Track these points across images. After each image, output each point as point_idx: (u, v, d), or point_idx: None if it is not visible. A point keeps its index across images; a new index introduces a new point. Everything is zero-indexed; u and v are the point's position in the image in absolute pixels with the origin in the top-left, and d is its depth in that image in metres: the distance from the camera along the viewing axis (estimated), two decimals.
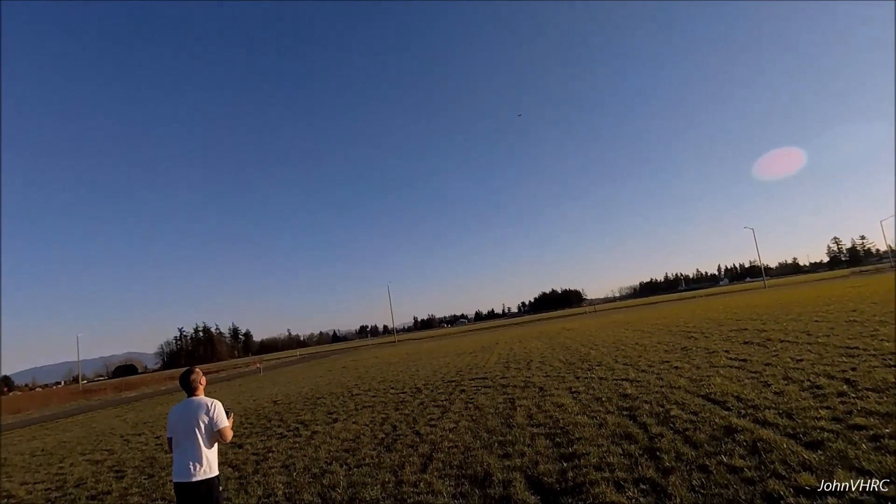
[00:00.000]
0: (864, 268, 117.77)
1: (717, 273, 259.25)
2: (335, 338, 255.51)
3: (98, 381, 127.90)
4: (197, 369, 4.24)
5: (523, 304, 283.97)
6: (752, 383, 7.54)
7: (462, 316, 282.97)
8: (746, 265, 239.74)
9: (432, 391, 12.04)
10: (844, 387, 6.51)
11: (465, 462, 5.88)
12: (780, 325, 14.43)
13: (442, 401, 10.40)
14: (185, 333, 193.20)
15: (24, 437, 16.47)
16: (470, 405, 9.37)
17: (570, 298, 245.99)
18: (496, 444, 6.41)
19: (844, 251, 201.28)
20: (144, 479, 7.67)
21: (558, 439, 6.19)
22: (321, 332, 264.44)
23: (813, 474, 4.02)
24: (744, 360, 9.60)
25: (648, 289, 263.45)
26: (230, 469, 7.29)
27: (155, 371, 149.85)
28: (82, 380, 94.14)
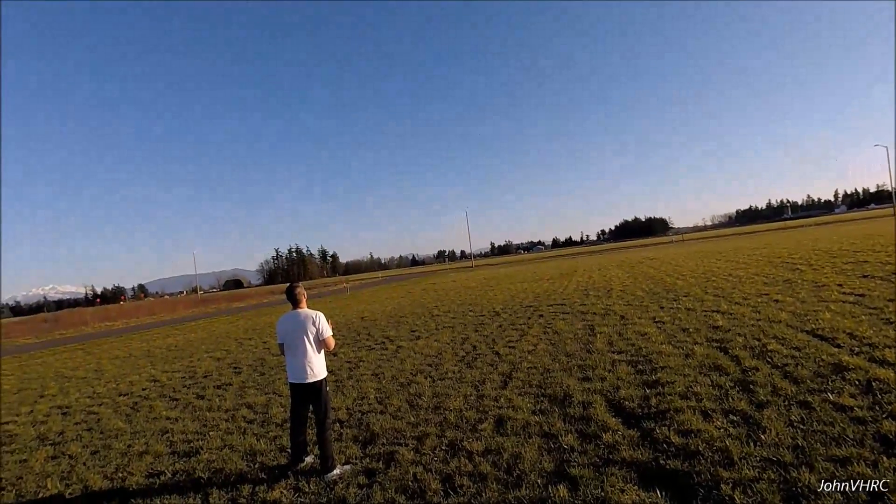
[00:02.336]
0: None
1: (832, 199, 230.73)
2: (414, 262, 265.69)
3: (211, 292, 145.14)
4: (300, 284, 4.61)
5: (603, 231, 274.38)
6: (871, 320, 6.82)
7: (539, 243, 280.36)
8: (872, 189, 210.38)
9: (510, 315, 12.26)
10: None
11: (545, 382, 6.01)
12: None
13: (520, 324, 10.57)
14: (280, 254, 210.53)
15: (160, 335, 19.37)
16: (548, 330, 9.45)
17: (653, 227, 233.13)
18: (576, 368, 6.46)
19: None
20: (257, 375, 8.74)
21: (641, 367, 6.10)
22: (401, 256, 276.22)
23: None
24: (861, 295, 8.66)
25: (747, 217, 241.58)
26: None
27: (258, 286, 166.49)
28: (199, 290, 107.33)
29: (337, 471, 4.18)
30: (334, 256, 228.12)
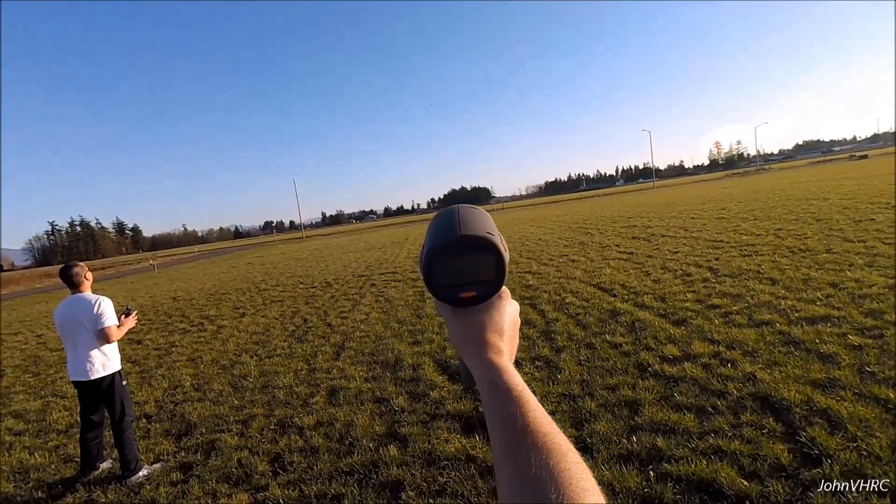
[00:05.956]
0: (736, 171, 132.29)
1: (614, 174, 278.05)
2: (237, 234, 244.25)
3: None
4: (81, 264, 3.86)
5: (433, 200, 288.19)
6: (636, 273, 8.47)
7: (371, 212, 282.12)
8: (640, 166, 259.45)
9: (343, 285, 12.13)
10: (708, 274, 7.54)
11: (377, 349, 6.14)
12: (664, 222, 16.08)
13: (353, 294, 10.55)
14: (58, 228, 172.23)
15: None
16: (381, 298, 9.61)
17: (479, 196, 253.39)
18: (406, 333, 6.72)
19: (722, 156, 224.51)
20: (29, 377, 7.15)
21: None
22: (221, 228, 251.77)
23: (676, 346, 4.74)
24: (630, 253, 10.68)
25: (553, 188, 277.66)
26: (130, 364, 7.00)
27: (26, 268, 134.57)
28: None
29: (143, 472, 3.68)
30: (136, 230, 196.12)
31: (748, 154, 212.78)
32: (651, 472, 2.89)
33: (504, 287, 0.59)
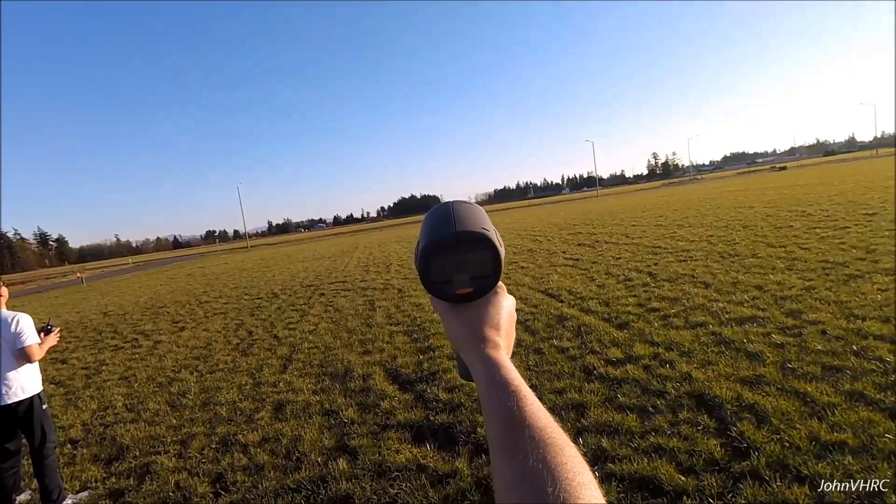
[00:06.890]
0: (672, 180, 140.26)
1: (560, 182, 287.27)
2: (177, 244, 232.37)
3: None
4: None
5: (382, 208, 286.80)
6: (582, 278, 8.76)
7: (320, 220, 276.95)
8: (585, 175, 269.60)
9: (290, 296, 11.79)
10: (648, 279, 7.92)
11: (326, 361, 5.99)
12: (607, 229, 16.76)
13: (300, 305, 10.27)
14: None
15: None
16: (330, 308, 9.42)
17: (429, 204, 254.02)
18: (356, 343, 6.61)
19: (659, 166, 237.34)
20: None
21: (415, 335, 6.59)
22: (159, 238, 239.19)
23: (619, 348, 4.93)
24: (577, 259, 11.03)
25: (502, 195, 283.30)
26: (53, 386, 6.48)
27: None
28: None
29: (68, 502, 3.40)
30: (61, 241, 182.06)
31: (682, 164, 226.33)
32: (596, 473, 2.98)
33: (500, 282, 0.59)
